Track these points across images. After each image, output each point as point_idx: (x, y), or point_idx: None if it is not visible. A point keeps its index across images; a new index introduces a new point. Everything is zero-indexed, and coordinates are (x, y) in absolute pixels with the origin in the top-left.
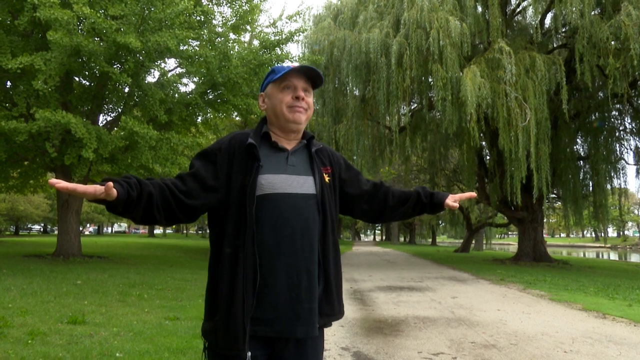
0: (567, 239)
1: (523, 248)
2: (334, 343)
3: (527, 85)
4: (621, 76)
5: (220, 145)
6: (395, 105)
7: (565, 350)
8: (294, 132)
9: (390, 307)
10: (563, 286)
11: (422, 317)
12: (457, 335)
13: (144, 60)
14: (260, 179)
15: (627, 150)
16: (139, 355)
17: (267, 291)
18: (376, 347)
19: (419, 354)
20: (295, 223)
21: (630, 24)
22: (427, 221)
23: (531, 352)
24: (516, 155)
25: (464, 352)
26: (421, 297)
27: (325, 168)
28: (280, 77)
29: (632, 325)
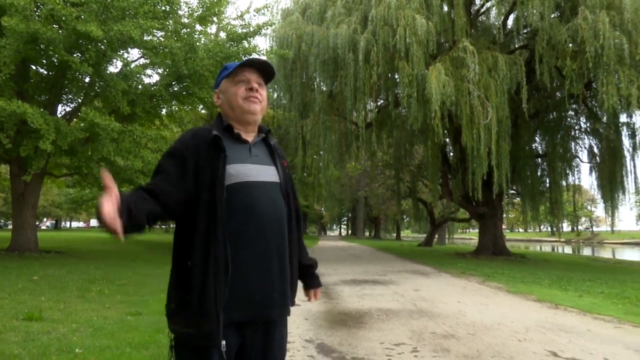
0: (525, 233)
1: (483, 242)
2: (298, 336)
3: (490, 84)
4: (577, 77)
5: (185, 142)
6: (362, 101)
7: (519, 339)
8: (251, 124)
9: (354, 300)
10: (520, 279)
11: (385, 309)
12: (419, 326)
13: (106, 50)
14: (229, 169)
15: (581, 149)
16: (99, 350)
17: (240, 278)
18: (340, 339)
19: (381, 344)
20: (266, 210)
21: (586, 28)
22: (392, 216)
23: (488, 341)
24: (478, 152)
25: (424, 342)
26: (385, 290)
27: (283, 161)
28: (233, 71)
29: (582, 314)
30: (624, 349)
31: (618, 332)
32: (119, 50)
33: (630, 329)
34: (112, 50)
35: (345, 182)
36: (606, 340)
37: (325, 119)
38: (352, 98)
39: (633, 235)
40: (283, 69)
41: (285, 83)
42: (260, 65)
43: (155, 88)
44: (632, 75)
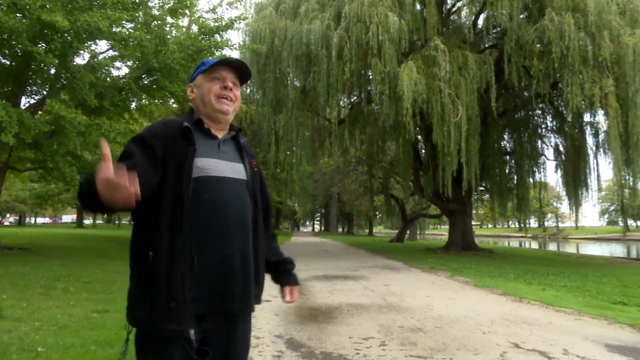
0: (494, 229)
1: (453, 238)
2: (268, 331)
3: (460, 83)
4: (544, 77)
5: (155, 130)
6: (335, 98)
7: (484, 331)
8: (222, 122)
9: (325, 295)
10: (487, 273)
11: (355, 304)
12: (387, 320)
13: (72, 41)
14: (196, 162)
15: (547, 147)
16: (62, 349)
17: (203, 270)
18: (309, 334)
19: (349, 339)
20: (231, 205)
21: (553, 29)
22: (365, 212)
23: (453, 334)
24: (448, 149)
25: (392, 336)
26: (355, 285)
27: (252, 159)
28: (210, 68)
29: (544, 307)
30: (583, 340)
31: (578, 324)
32: (86, 41)
33: (589, 321)
34: (78, 41)
35: (319, 178)
36: (566, 332)
37: (298, 114)
38: (325, 94)
39: (596, 231)
40: (256, 63)
41: (258, 78)
42: (238, 66)
43: (124, 81)
44: (595, 76)
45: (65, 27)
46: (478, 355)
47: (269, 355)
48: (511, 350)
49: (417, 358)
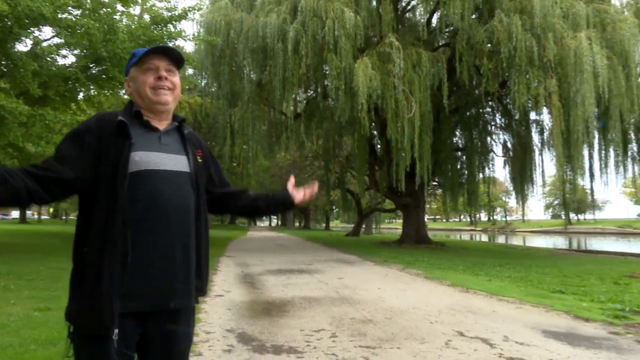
0: (446, 223)
1: (407, 231)
2: (219, 326)
3: (414, 80)
4: (493, 76)
5: (88, 126)
6: (291, 92)
7: (431, 321)
8: (162, 113)
9: (279, 289)
10: (437, 265)
11: (308, 297)
12: (339, 312)
13: (13, 26)
14: (134, 156)
15: (496, 144)
16: (0, 349)
17: (141, 266)
18: (261, 328)
19: (301, 331)
20: (172, 199)
21: (501, 30)
22: (322, 207)
23: (402, 324)
24: (402, 144)
25: (344, 327)
26: (310, 279)
27: (197, 150)
28: (140, 59)
29: (489, 297)
30: (522, 327)
31: (519, 312)
32: (29, 27)
33: (529, 309)
34: (20, 27)
35: (276, 172)
36: (508, 320)
37: (254, 108)
38: (281, 88)
39: (541, 224)
40: (211, 55)
41: (213, 70)
42: (168, 52)
43: (71, 70)
44: (540, 76)
45: (5, 11)
46: (424, 343)
47: (219, 349)
48: (455, 338)
49: (366, 348)
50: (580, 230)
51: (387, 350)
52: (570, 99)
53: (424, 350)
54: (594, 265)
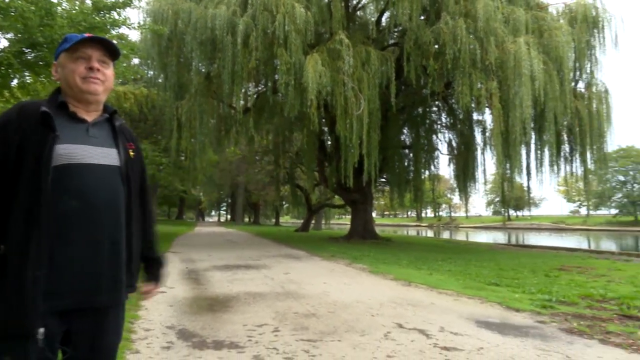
0: (394, 219)
1: (354, 227)
2: (159, 323)
3: (363, 77)
4: (438, 77)
5: (9, 117)
6: (241, 86)
7: (372, 314)
8: (92, 104)
9: (224, 285)
10: (382, 260)
11: (253, 292)
12: (283, 307)
13: None
14: (58, 149)
15: (441, 142)
16: None
17: (66, 263)
18: (203, 324)
19: (244, 326)
20: (99, 194)
21: (447, 32)
22: (271, 202)
23: (345, 317)
24: (350, 141)
25: (287, 322)
26: (256, 274)
27: (129, 143)
28: (72, 46)
29: (429, 290)
30: (457, 318)
31: (455, 304)
32: None
33: (465, 301)
34: None
35: (225, 167)
36: (445, 312)
37: (202, 101)
38: (230, 82)
39: (483, 220)
40: (157, 45)
41: (160, 61)
42: (103, 42)
43: (3, 55)
44: (482, 78)
45: None
46: (364, 336)
47: (157, 346)
48: (395, 330)
49: (308, 341)
50: (518, 226)
51: (327, 343)
52: (509, 101)
53: (363, 342)
54: (528, 259)
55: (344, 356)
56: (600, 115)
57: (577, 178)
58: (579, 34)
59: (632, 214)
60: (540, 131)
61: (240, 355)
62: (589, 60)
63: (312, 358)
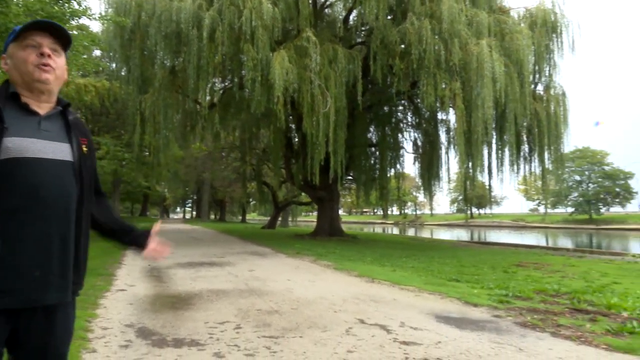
0: (361, 216)
1: (321, 224)
2: (118, 321)
3: (330, 75)
4: (404, 76)
5: None
6: (207, 81)
7: (335, 310)
8: (44, 94)
9: (187, 282)
10: (348, 257)
11: (216, 290)
12: (246, 304)
13: None
14: (6, 142)
15: (407, 141)
16: None
17: (13, 260)
18: (163, 322)
19: (205, 324)
20: (50, 189)
21: (413, 32)
22: (238, 199)
23: (307, 314)
24: (317, 139)
25: (249, 319)
26: (220, 271)
27: (82, 139)
28: (21, 34)
29: (392, 286)
30: (418, 313)
31: (416, 300)
32: None
33: (426, 297)
34: None
35: (190, 163)
36: (406, 307)
37: (167, 95)
38: (196, 76)
39: (447, 218)
40: (120, 37)
41: (122, 53)
42: (52, 28)
43: None
44: (446, 78)
45: None
46: (326, 332)
47: (115, 345)
48: (356, 326)
49: (269, 338)
50: (481, 224)
51: (289, 339)
52: (472, 102)
53: (325, 338)
54: (489, 256)
55: (305, 352)
56: (557, 117)
57: (535, 177)
58: (539, 38)
59: (587, 212)
60: (501, 131)
61: (201, 352)
62: (547, 63)
63: (273, 354)
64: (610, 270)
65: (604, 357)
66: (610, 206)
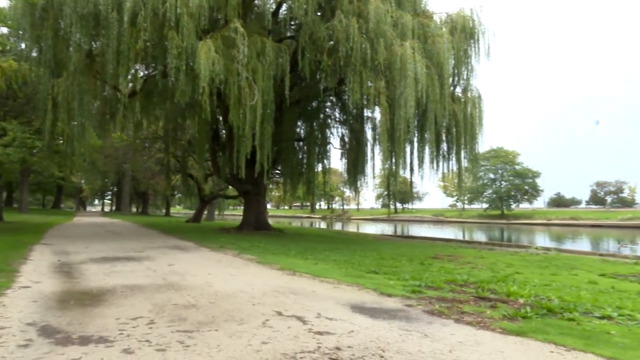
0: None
1: (247, 218)
2: (18, 320)
3: (258, 68)
4: (332, 73)
5: None
6: (127, 67)
7: (254, 303)
8: None
9: (99, 278)
10: (272, 251)
11: (132, 285)
12: (162, 299)
13: None
14: None
15: (334, 137)
16: None
17: None
18: (70, 319)
19: (116, 320)
20: None
21: (341, 30)
22: (162, 191)
23: (225, 307)
24: (244, 131)
25: (164, 314)
26: (137, 266)
27: None
28: None
29: (312, 279)
30: (335, 304)
31: (335, 291)
32: None
33: (344, 288)
34: None
35: (111, 153)
36: (324, 299)
37: (83, 80)
38: (115, 62)
39: (372, 213)
40: (30, 16)
41: (32, 33)
42: None
43: None
44: (372, 77)
45: None
46: (243, 324)
47: (13, 345)
48: (274, 318)
49: (184, 332)
50: (404, 218)
51: (204, 333)
52: (395, 100)
53: (240, 331)
54: (408, 249)
55: (219, 344)
56: (473, 118)
57: (453, 175)
58: (458, 42)
59: (499, 208)
60: (422, 130)
61: (109, 349)
62: (465, 67)
63: (186, 348)
64: (515, 262)
65: (498, 340)
66: (520, 203)
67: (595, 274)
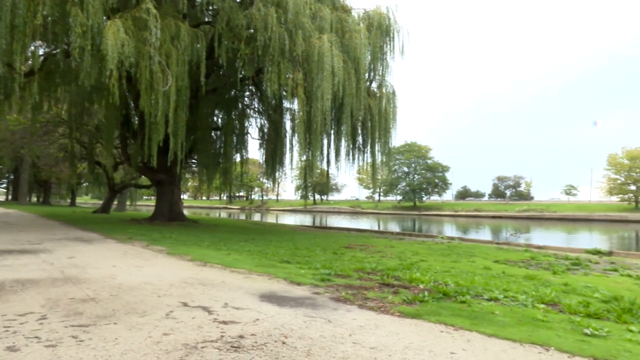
0: (207, 201)
1: (159, 208)
2: None
3: (171, 53)
4: (249, 62)
5: None
6: (22, 43)
7: (159, 295)
8: None
9: None
10: (183, 242)
11: (23, 279)
12: (58, 293)
13: None
14: None
15: (253, 127)
16: None
17: None
18: None
19: (2, 317)
20: None
21: (259, 18)
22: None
23: (128, 300)
24: (156, 118)
25: (58, 308)
26: (32, 259)
27: None
28: None
29: (223, 269)
30: (243, 294)
31: (245, 281)
32: None
33: (255, 278)
34: None
35: (7, 136)
36: (233, 289)
37: None
38: (9, 37)
39: (292, 204)
40: None
41: None
42: None
43: None
44: (290, 68)
45: None
46: (145, 317)
47: None
48: (178, 309)
49: (79, 327)
50: (322, 210)
51: (102, 327)
52: (312, 93)
53: (142, 323)
54: (323, 239)
55: (117, 338)
56: (388, 113)
57: (369, 167)
58: (375, 39)
59: (412, 200)
60: (338, 123)
61: None
62: (381, 63)
63: (80, 343)
64: (421, 250)
65: (396, 322)
66: (431, 195)
67: (490, 261)
